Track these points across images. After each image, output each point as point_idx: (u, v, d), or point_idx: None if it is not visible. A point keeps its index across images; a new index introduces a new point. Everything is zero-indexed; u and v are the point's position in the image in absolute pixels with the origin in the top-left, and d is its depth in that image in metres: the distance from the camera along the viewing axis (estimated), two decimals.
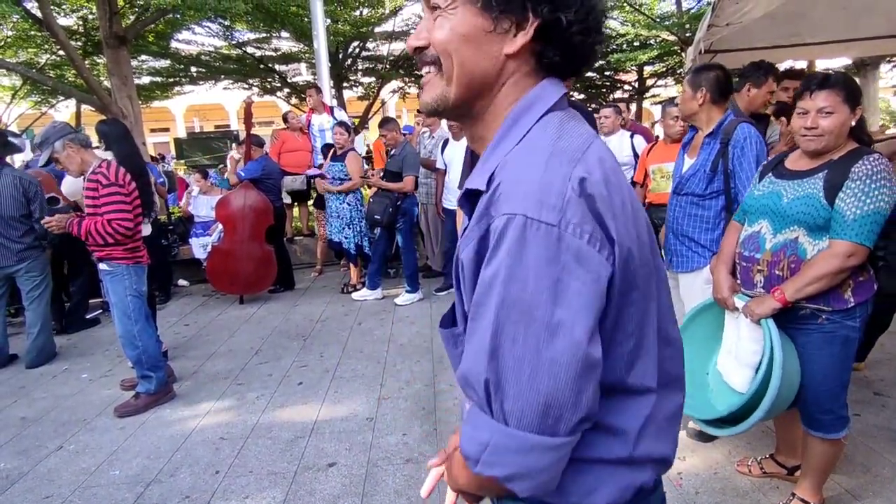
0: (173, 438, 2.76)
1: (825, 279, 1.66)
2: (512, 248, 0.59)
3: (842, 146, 1.73)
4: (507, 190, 0.62)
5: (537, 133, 0.68)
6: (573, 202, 0.59)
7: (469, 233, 0.66)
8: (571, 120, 0.70)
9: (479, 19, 0.68)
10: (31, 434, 2.90)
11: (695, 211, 2.32)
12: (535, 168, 0.62)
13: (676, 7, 10.85)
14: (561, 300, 0.58)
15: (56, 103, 13.25)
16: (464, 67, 0.70)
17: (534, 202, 0.59)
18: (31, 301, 3.82)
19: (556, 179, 0.60)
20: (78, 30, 9.64)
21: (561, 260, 0.58)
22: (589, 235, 0.59)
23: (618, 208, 0.63)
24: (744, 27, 3.25)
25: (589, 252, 0.59)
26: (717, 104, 2.31)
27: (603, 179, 0.63)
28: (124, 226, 2.84)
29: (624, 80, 13.89)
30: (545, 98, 0.71)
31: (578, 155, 0.64)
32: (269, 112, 17.69)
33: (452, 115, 0.75)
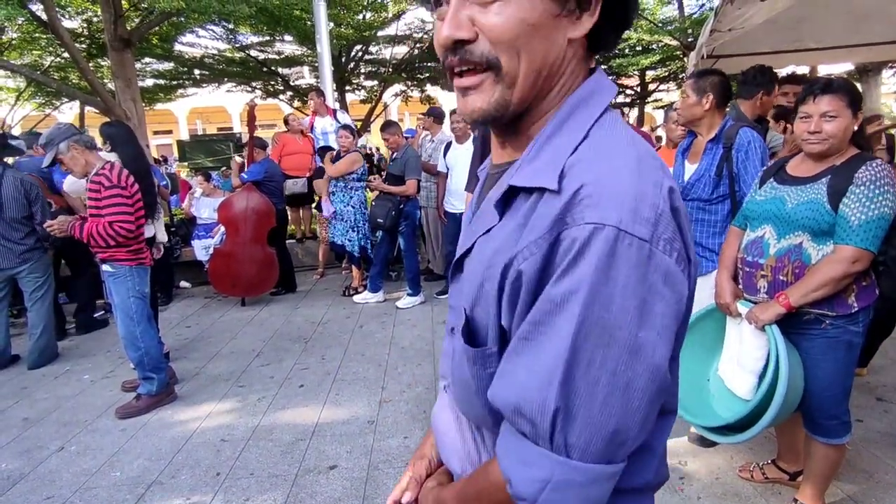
0: (174, 440, 2.76)
1: (830, 284, 1.66)
2: (600, 264, 0.51)
3: (844, 152, 1.74)
4: (592, 193, 0.53)
5: (609, 133, 0.60)
6: (665, 216, 0.54)
7: (528, 239, 0.56)
8: (626, 123, 0.65)
9: (546, 3, 0.57)
10: (33, 435, 2.90)
11: (701, 216, 2.33)
12: (628, 174, 0.54)
13: (679, 12, 10.88)
14: (645, 322, 0.52)
15: (60, 105, 13.30)
16: (533, 65, 0.59)
17: (628, 212, 0.52)
18: (34, 302, 3.82)
19: (649, 189, 0.54)
20: (82, 32, 9.69)
21: (649, 279, 0.52)
22: (677, 254, 0.54)
23: (688, 224, 0.59)
24: (746, 32, 3.26)
25: (676, 271, 0.54)
26: (720, 109, 2.32)
27: (678, 191, 0.58)
28: (126, 227, 2.85)
29: (626, 84, 13.92)
30: (602, 92, 0.63)
31: (659, 162, 0.58)
32: (271, 115, 17.73)
33: (508, 120, 0.63)
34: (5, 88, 12.58)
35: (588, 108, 0.61)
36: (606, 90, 0.64)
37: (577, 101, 0.62)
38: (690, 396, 1.99)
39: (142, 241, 3.03)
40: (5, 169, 3.72)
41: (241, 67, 12.01)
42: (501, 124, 0.64)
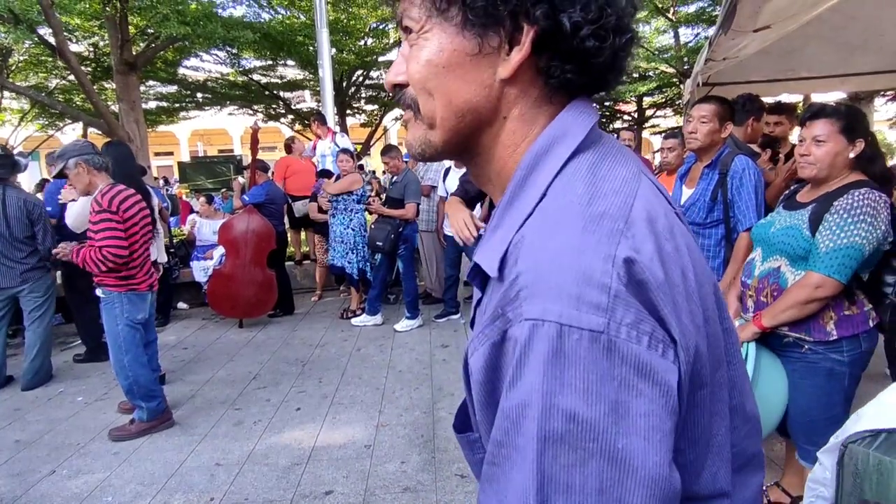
0: (168, 464, 2.71)
1: (795, 308, 1.69)
2: (546, 369, 0.43)
3: (842, 178, 1.75)
4: (529, 283, 0.46)
5: (563, 191, 0.50)
6: (622, 296, 0.44)
7: (479, 332, 0.50)
8: (606, 159, 0.53)
9: (459, 40, 0.52)
10: (25, 457, 2.86)
11: (695, 240, 2.35)
12: (568, 248, 0.46)
13: (675, 41, 11.13)
14: (622, 428, 0.43)
15: (63, 126, 13.44)
16: (450, 107, 0.54)
17: (568, 301, 0.43)
18: (32, 321, 3.81)
19: (595, 264, 0.44)
20: (89, 56, 9.87)
21: (616, 375, 0.43)
22: (648, 337, 0.44)
23: (679, 291, 0.48)
24: (740, 61, 3.34)
25: (651, 359, 0.44)
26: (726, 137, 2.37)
27: (656, 253, 0.47)
28: (115, 253, 2.77)
29: (624, 110, 14.14)
30: (569, 136, 0.54)
31: (621, 224, 0.47)
32: (272, 137, 17.93)
33: (445, 158, 0.61)
34: (10, 110, 12.72)
35: (550, 160, 0.53)
36: (574, 131, 0.54)
37: (536, 155, 0.54)
38: None
39: (134, 268, 2.92)
40: (8, 188, 3.74)
41: (244, 91, 12.20)
42: (439, 160, 0.64)
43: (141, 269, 2.96)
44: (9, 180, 3.80)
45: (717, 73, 3.74)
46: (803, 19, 2.48)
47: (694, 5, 10.37)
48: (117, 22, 6.98)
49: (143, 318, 3.01)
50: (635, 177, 0.53)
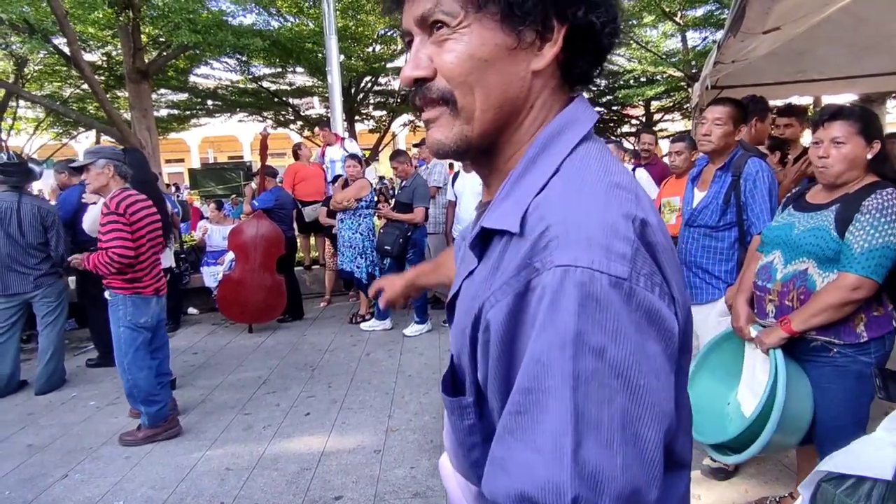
0: (179, 468, 2.73)
1: (830, 310, 1.65)
2: (581, 310, 0.46)
3: (859, 179, 1.73)
4: (559, 234, 0.49)
5: (580, 165, 0.56)
6: (641, 250, 0.49)
7: (500, 286, 0.51)
8: (607, 152, 0.59)
9: (500, 35, 0.55)
10: (38, 462, 2.88)
11: (708, 242, 2.33)
12: (595, 207, 0.51)
13: (682, 45, 11.09)
14: (642, 366, 0.47)
15: (77, 134, 13.64)
16: (490, 99, 0.56)
17: (599, 250, 0.47)
18: (45, 326, 3.85)
19: (620, 221, 0.50)
20: (102, 65, 10.02)
21: (634, 319, 0.47)
22: (659, 288, 0.49)
23: (673, 262, 0.54)
24: (750, 64, 3.32)
25: (661, 308, 0.49)
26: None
27: (658, 224, 0.53)
28: (120, 253, 2.80)
29: (631, 114, 14.10)
30: (580, 122, 0.59)
31: (633, 195, 0.53)
32: (281, 144, 18.06)
33: (473, 154, 0.62)
34: (25, 118, 12.94)
35: (561, 141, 0.58)
36: (584, 120, 0.60)
37: (550, 135, 0.58)
38: (706, 418, 1.97)
39: (140, 271, 2.93)
40: (23, 195, 3.80)
41: (253, 98, 12.32)
42: (470, 158, 0.63)
43: (147, 274, 2.98)
44: (23, 188, 3.87)
45: (726, 75, 3.72)
46: (813, 21, 2.46)
47: (701, 9, 10.33)
48: (130, 31, 7.07)
49: (147, 321, 2.99)
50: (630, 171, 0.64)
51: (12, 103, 11.34)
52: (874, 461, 1.39)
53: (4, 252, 3.67)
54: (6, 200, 3.72)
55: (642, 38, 11.23)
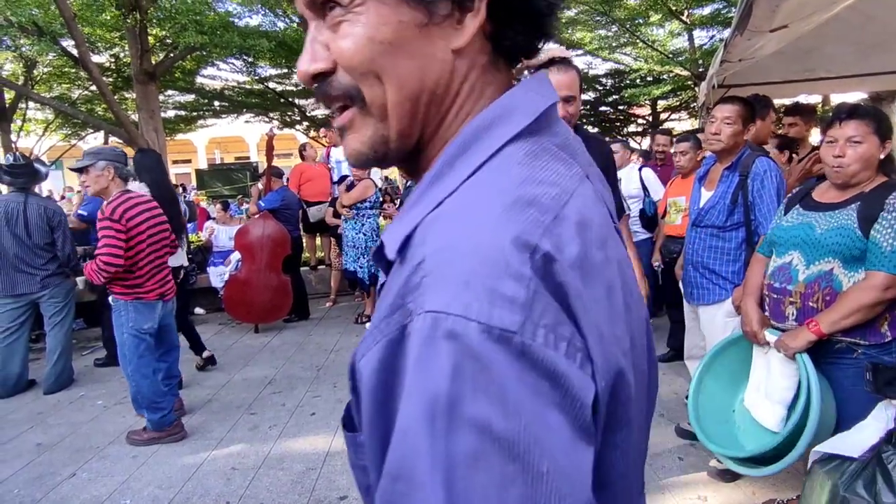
0: (185, 468, 2.74)
1: (862, 311, 1.62)
2: (452, 373, 0.35)
3: (872, 179, 1.72)
4: (433, 268, 0.38)
5: (493, 173, 0.43)
6: (541, 292, 0.37)
7: (373, 328, 0.41)
8: (549, 153, 0.46)
9: (405, 10, 0.45)
10: (46, 461, 2.91)
11: (715, 243, 2.31)
12: (483, 232, 0.38)
13: (689, 43, 11.03)
14: (547, 444, 0.35)
15: (85, 136, 13.75)
16: (403, 90, 0.46)
17: (480, 293, 0.36)
18: (53, 327, 3.89)
19: (512, 253, 0.37)
20: (110, 66, 10.09)
21: (531, 384, 0.36)
22: (567, 344, 0.37)
23: (602, 307, 0.41)
24: (757, 62, 3.29)
25: (569, 370, 0.37)
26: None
27: (580, 260, 0.40)
28: (108, 262, 2.73)
29: (638, 114, 14.04)
30: (515, 115, 0.47)
31: (549, 217, 0.40)
32: (287, 144, 18.13)
33: (397, 159, 0.51)
34: (34, 120, 13.06)
35: (488, 138, 0.45)
36: (522, 110, 0.47)
37: (475, 130, 0.46)
38: (716, 426, 1.95)
39: (140, 276, 2.88)
40: (29, 196, 3.84)
41: (260, 99, 12.37)
42: (396, 164, 0.52)
43: (149, 279, 2.92)
44: (29, 188, 3.90)
45: (733, 74, 3.69)
46: (821, 18, 2.44)
47: (709, 7, 10.27)
48: (137, 33, 7.13)
49: (151, 327, 2.95)
50: (577, 178, 0.46)
51: (22, 105, 11.45)
52: (853, 443, 1.46)
53: (12, 252, 3.70)
54: (13, 201, 3.75)
55: (649, 37, 11.18)
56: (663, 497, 2.29)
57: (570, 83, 1.83)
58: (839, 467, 1.48)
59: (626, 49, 11.69)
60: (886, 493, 1.37)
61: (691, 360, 2.75)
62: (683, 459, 2.57)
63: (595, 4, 10.15)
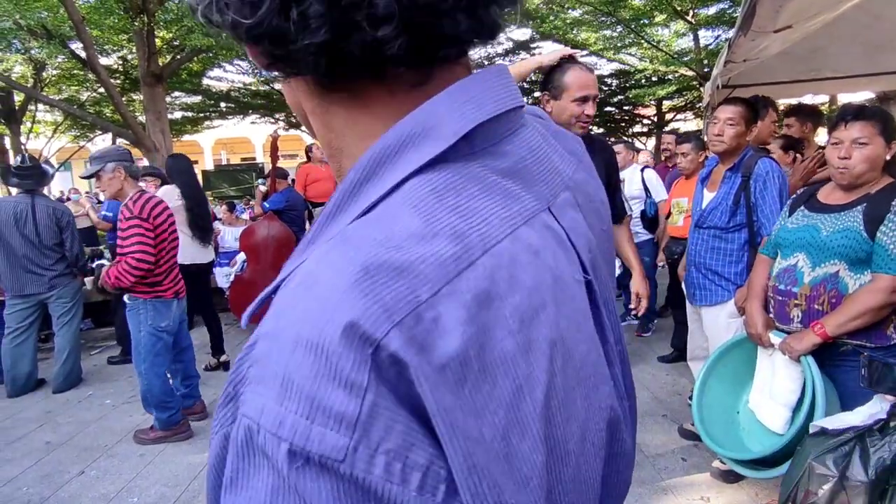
0: (191, 466, 2.77)
1: (869, 314, 1.61)
2: (267, 500, 0.28)
3: (878, 180, 1.71)
4: (259, 358, 0.30)
5: (366, 222, 0.33)
6: (383, 406, 0.28)
7: (217, 411, 0.33)
8: (473, 188, 0.35)
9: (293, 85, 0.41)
10: (55, 459, 2.94)
11: (718, 244, 2.31)
12: (314, 311, 0.29)
13: (694, 44, 10.99)
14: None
15: (94, 137, 13.88)
16: (320, 141, 0.43)
17: (298, 401, 0.28)
18: (61, 326, 3.93)
19: (344, 352, 0.28)
20: (117, 69, 10.18)
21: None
22: (422, 475, 0.28)
23: (494, 419, 0.30)
24: (762, 62, 3.29)
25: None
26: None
27: (460, 354, 0.29)
28: (140, 258, 2.71)
29: (643, 114, 14.00)
30: (430, 137, 0.35)
31: (425, 291, 0.29)
32: (293, 145, 18.21)
33: None
34: (43, 122, 13.19)
35: (392, 168, 0.35)
36: (437, 130, 0.35)
37: (368, 162, 0.36)
38: (719, 428, 1.95)
39: (160, 274, 2.88)
40: (38, 197, 3.88)
41: (266, 100, 12.45)
42: None
43: (167, 277, 2.94)
44: (37, 190, 3.94)
45: (738, 74, 3.68)
46: (826, 18, 2.43)
47: (714, 7, 10.23)
48: (144, 35, 7.20)
49: (169, 325, 2.96)
50: (515, 219, 0.35)
51: (31, 107, 11.58)
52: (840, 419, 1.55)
53: (21, 253, 3.75)
54: (22, 202, 3.79)
55: (654, 37, 11.14)
56: (666, 498, 2.29)
57: (594, 82, 1.84)
58: (821, 442, 1.53)
59: (631, 49, 11.66)
60: (859, 471, 1.43)
61: (694, 360, 2.74)
62: (686, 460, 2.57)
63: (600, 5, 10.13)
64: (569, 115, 1.81)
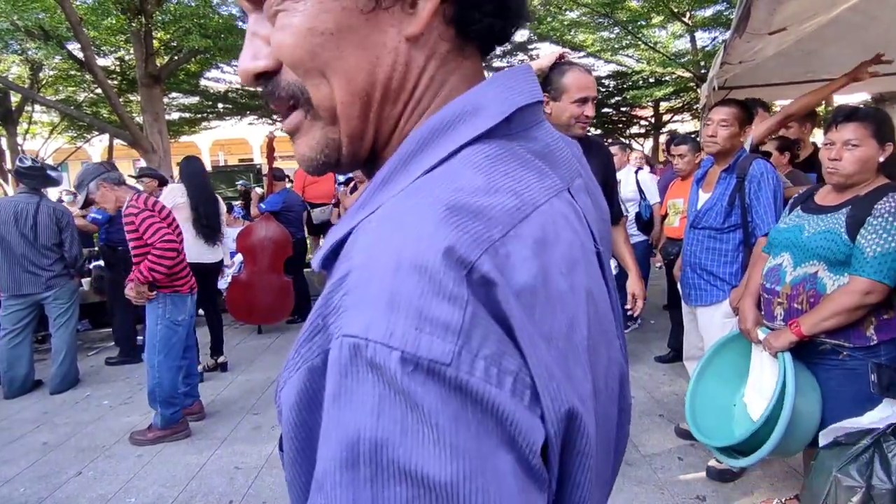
0: (189, 467, 2.77)
1: (842, 315, 1.64)
2: (377, 410, 0.30)
3: (870, 182, 1.73)
4: (356, 285, 0.32)
5: (441, 173, 0.37)
6: (481, 317, 0.31)
7: (293, 354, 0.37)
8: (515, 161, 0.39)
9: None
10: (52, 460, 2.94)
11: (713, 244, 2.33)
12: (412, 243, 0.32)
13: (691, 45, 11.03)
14: (490, 493, 0.30)
15: (91, 138, 13.85)
16: (351, 86, 0.41)
17: (406, 315, 0.30)
18: (58, 328, 3.92)
19: (446, 271, 0.31)
20: (115, 70, 10.17)
21: (468, 424, 0.30)
22: (513, 379, 0.31)
23: (558, 340, 0.35)
24: (758, 64, 3.31)
25: (515, 410, 0.31)
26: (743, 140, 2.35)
27: (530, 286, 0.34)
28: (169, 247, 2.78)
29: (640, 115, 14.05)
30: (481, 114, 0.40)
31: (497, 232, 0.33)
32: (289, 147, 18.19)
33: (354, 164, 0.45)
34: (40, 122, 13.16)
35: (446, 139, 0.39)
36: (489, 108, 0.40)
37: (433, 129, 0.40)
38: (712, 422, 1.97)
39: (177, 267, 2.94)
40: (40, 198, 3.89)
41: (263, 101, 12.41)
42: (354, 169, 0.47)
43: (184, 270, 3.01)
44: (40, 190, 3.95)
45: (734, 76, 3.71)
46: (820, 20, 2.45)
47: (710, 9, 10.27)
48: (142, 36, 7.19)
49: (184, 319, 3.03)
50: (550, 191, 0.40)
51: (28, 108, 11.55)
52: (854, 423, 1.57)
53: (19, 252, 3.75)
54: (23, 202, 3.80)
55: (651, 38, 11.18)
56: (662, 496, 2.30)
57: (592, 84, 1.86)
58: (840, 453, 1.53)
59: (628, 51, 11.69)
60: (882, 477, 1.43)
61: (690, 360, 2.76)
62: (683, 459, 2.59)
63: (597, 7, 10.16)
64: (568, 116, 1.83)
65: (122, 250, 4.17)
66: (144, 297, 2.86)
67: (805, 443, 1.80)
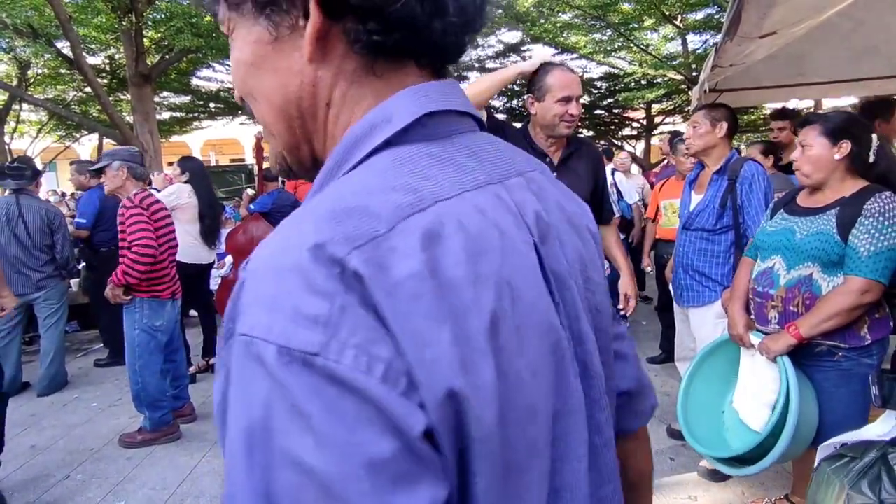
0: (179, 469, 2.74)
1: (841, 315, 1.65)
2: (266, 401, 0.33)
3: (851, 183, 1.75)
4: (249, 287, 0.36)
5: (335, 184, 0.42)
6: (350, 309, 0.34)
7: (217, 354, 0.42)
8: (427, 161, 0.42)
9: (256, 30, 0.45)
10: (40, 463, 2.90)
11: (705, 246, 2.35)
12: (290, 243, 0.36)
13: (682, 48, 11.11)
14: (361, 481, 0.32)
15: (80, 137, 13.71)
16: (273, 108, 0.47)
17: (283, 311, 0.33)
18: (47, 329, 3.88)
19: (315, 268, 0.34)
20: (105, 68, 10.07)
21: (339, 412, 0.32)
22: (385, 367, 0.33)
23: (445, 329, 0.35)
24: (748, 67, 3.33)
25: (387, 396, 0.33)
26: (729, 141, 2.37)
27: (414, 276, 0.35)
28: (146, 244, 2.73)
29: (632, 117, 14.12)
30: (392, 122, 0.43)
31: (379, 226, 0.36)
32: None
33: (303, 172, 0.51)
34: (28, 122, 13.00)
35: (361, 149, 0.43)
36: (397, 118, 0.43)
37: (350, 143, 0.44)
38: (704, 427, 1.98)
39: (158, 271, 2.90)
40: (31, 197, 3.85)
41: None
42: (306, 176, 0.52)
43: (166, 275, 2.97)
44: (30, 189, 3.90)
45: (724, 79, 3.73)
46: (810, 24, 2.48)
47: (702, 12, 10.35)
48: (132, 35, 7.13)
49: (163, 325, 2.97)
50: (465, 184, 0.42)
51: (15, 106, 11.40)
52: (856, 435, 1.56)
53: (10, 252, 3.71)
54: (13, 202, 3.76)
55: (643, 41, 11.25)
56: (654, 497, 2.31)
57: (576, 82, 1.87)
58: (845, 467, 1.52)
59: (620, 53, 11.75)
60: (891, 491, 1.43)
61: (681, 361, 2.78)
62: (674, 460, 2.60)
63: (589, 9, 10.21)
64: (553, 115, 1.84)
65: (104, 251, 4.13)
66: (119, 299, 2.83)
67: (805, 446, 1.81)
